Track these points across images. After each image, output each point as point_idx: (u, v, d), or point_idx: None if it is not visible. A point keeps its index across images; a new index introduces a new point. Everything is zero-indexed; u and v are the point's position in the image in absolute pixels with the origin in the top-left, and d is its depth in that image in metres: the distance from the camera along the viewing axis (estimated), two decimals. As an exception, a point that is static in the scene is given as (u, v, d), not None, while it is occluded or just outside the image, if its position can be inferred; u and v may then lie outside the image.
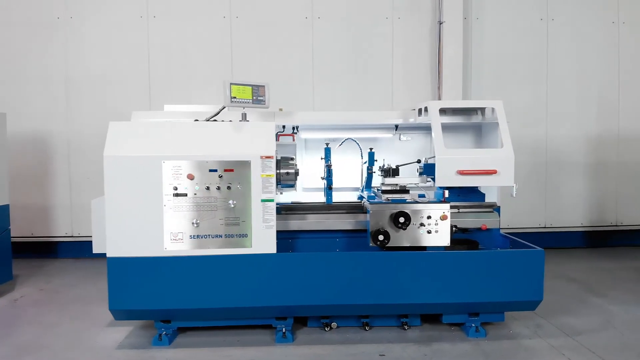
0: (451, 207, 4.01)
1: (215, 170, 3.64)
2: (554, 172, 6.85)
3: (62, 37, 6.42)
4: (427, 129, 4.78)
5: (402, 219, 3.65)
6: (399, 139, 4.86)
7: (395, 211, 3.67)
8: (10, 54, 6.42)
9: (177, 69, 6.52)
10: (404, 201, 3.79)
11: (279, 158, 4.03)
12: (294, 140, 4.24)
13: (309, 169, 4.67)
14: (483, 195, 4.14)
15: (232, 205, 3.65)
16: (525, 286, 3.75)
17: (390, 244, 3.69)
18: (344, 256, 3.73)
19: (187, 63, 6.53)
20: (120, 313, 3.75)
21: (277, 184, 4.01)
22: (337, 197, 4.49)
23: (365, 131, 4.60)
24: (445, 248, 3.79)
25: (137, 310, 3.73)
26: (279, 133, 4.33)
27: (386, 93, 6.67)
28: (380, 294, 3.72)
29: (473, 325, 3.91)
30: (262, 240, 3.67)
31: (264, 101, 3.88)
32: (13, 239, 5.22)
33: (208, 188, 3.63)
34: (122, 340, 3.85)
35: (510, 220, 6.75)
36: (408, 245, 3.73)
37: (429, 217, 3.71)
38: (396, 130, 4.62)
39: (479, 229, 4.05)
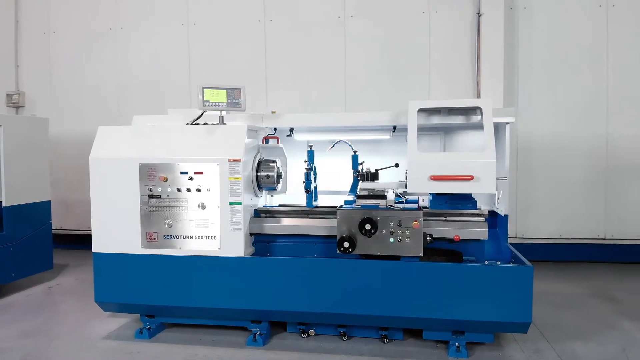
0: (437, 214, 3.75)
1: (186, 173, 3.72)
2: (615, 177, 6.05)
3: (113, 46, 6.95)
4: (437, 129, 4.50)
5: (368, 226, 3.46)
6: (406, 141, 4.62)
7: (362, 217, 3.48)
8: (67, 62, 7.09)
9: (214, 73, 6.75)
10: (375, 207, 3.58)
11: (260, 160, 4.04)
12: (278, 142, 4.19)
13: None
14: (475, 202, 3.78)
15: (202, 208, 3.71)
16: (511, 306, 3.36)
17: (358, 252, 3.52)
18: (305, 262, 3.63)
19: (223, 66, 6.74)
20: (106, 305, 3.99)
21: (258, 187, 4.03)
22: (328, 201, 4.39)
23: (362, 133, 4.40)
24: (420, 259, 3.53)
25: (119, 304, 3.95)
26: (269, 135, 4.30)
27: (422, 91, 6.34)
28: (350, 303, 3.56)
29: (456, 344, 3.59)
30: (230, 242, 3.69)
31: (240, 104, 3.89)
32: (71, 231, 5.72)
33: (179, 190, 3.73)
34: (113, 331, 4.08)
35: (561, 229, 6.13)
36: (379, 253, 3.52)
37: (399, 225, 3.47)
38: (394, 131, 4.38)
39: (463, 240, 3.69)
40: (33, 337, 3.97)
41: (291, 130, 4.59)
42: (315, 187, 4.26)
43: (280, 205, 4.28)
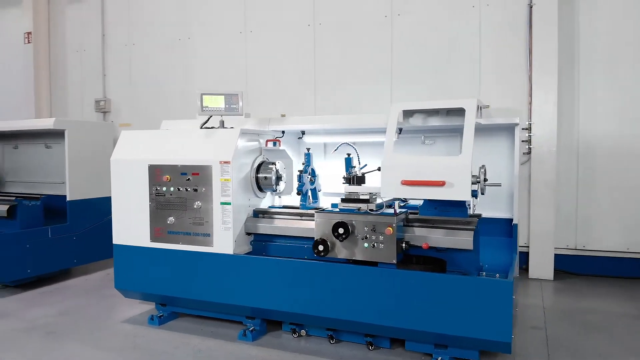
0: (424, 221, 3.60)
1: (186, 174, 3.99)
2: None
3: (182, 54, 7.54)
4: (452, 131, 4.31)
5: (340, 230, 3.43)
6: (423, 143, 4.48)
7: (336, 221, 3.47)
8: (144, 71, 7.83)
9: (268, 77, 7.02)
10: (352, 211, 3.53)
11: (260, 163, 4.18)
12: (279, 145, 4.29)
13: (330, 173, 4.64)
14: (465, 210, 3.55)
15: (197, 207, 3.95)
16: (487, 322, 3.12)
17: (331, 255, 3.51)
18: (283, 262, 3.71)
19: (276, 71, 6.98)
20: (125, 292, 4.41)
21: (259, 188, 4.18)
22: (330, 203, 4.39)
23: (368, 135, 4.35)
24: (397, 266, 3.42)
25: (134, 292, 4.34)
26: (276, 138, 4.42)
27: (472, 89, 6.00)
28: (330, 306, 3.56)
29: (440, 358, 3.42)
30: (222, 240, 3.89)
31: (238, 109, 4.07)
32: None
33: (179, 189, 4.02)
34: (133, 317, 4.50)
35: (628, 241, 5.47)
36: (352, 258, 3.48)
37: (373, 230, 3.40)
38: (400, 133, 4.25)
39: (451, 250, 3.48)
40: (66, 316, 4.52)
41: (303, 133, 4.70)
42: (314, 189, 4.29)
43: (283, 207, 4.39)
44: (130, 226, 4.22)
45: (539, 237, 5.61)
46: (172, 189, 4.04)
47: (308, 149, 4.25)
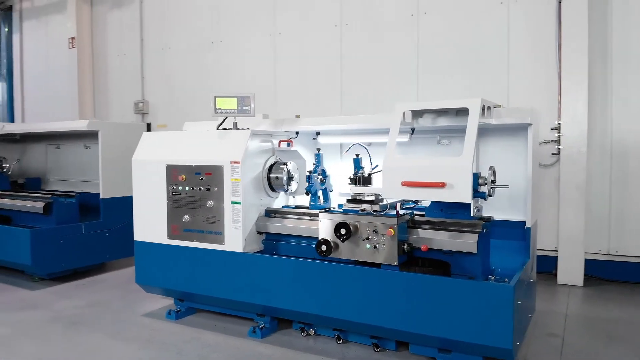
0: (430, 223, 3.56)
1: (199, 174, 4.11)
2: None
3: (214, 57, 7.74)
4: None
5: (342, 230, 3.45)
6: (439, 143, 4.41)
7: (338, 222, 3.48)
8: (178, 73, 8.09)
9: (296, 78, 7.10)
10: (355, 212, 3.53)
11: (272, 163, 4.25)
12: (292, 146, 4.33)
13: (346, 174, 4.64)
14: (469, 212, 3.47)
15: (210, 205, 4.06)
16: (488, 328, 3.05)
17: (334, 256, 3.53)
18: (287, 261, 3.76)
19: (304, 71, 7.05)
20: (145, 287, 4.58)
21: (270, 188, 4.25)
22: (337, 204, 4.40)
23: (384, 135, 4.31)
24: (399, 268, 3.40)
25: (154, 287, 4.51)
26: (289, 139, 4.47)
27: (501, 88, 5.85)
28: (334, 306, 3.58)
29: (443, 362, 3.38)
30: (232, 238, 3.98)
31: (249, 110, 4.15)
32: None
33: (194, 189, 4.14)
34: (153, 311, 4.67)
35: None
36: (354, 259, 3.49)
37: (374, 232, 3.39)
38: (412, 133, 4.22)
39: (455, 252, 3.41)
40: (92, 308, 4.75)
41: (318, 133, 4.73)
42: (325, 190, 4.31)
43: (296, 207, 4.43)
44: (150, 223, 4.39)
45: (568, 241, 5.39)
46: (187, 188, 4.17)
47: (318, 150, 4.28)
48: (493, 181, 3.59)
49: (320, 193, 4.28)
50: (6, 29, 10.14)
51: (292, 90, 7.13)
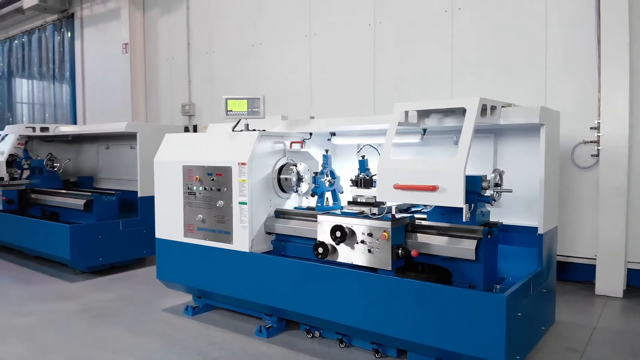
0: (427, 228, 3.45)
1: (211, 174, 4.22)
2: None
3: (254, 60, 7.90)
4: (487, 131, 4.07)
5: (338, 233, 3.42)
6: (455, 143, 4.26)
7: (333, 224, 3.45)
8: (221, 76, 8.31)
9: (329, 78, 7.10)
10: (352, 214, 3.49)
11: (283, 164, 4.29)
12: (303, 147, 4.34)
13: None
14: (475, 216, 3.32)
15: (220, 205, 4.16)
16: (480, 340, 2.92)
17: (330, 258, 3.51)
18: (290, 263, 3.77)
19: (337, 71, 7.02)
20: (166, 283, 4.77)
21: (280, 189, 4.29)
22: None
23: (396, 136, 4.22)
24: (395, 273, 3.32)
25: (173, 283, 4.68)
26: (303, 139, 4.48)
27: (538, 86, 5.53)
28: (334, 310, 3.56)
29: (441, 373, 3.27)
30: (240, 238, 4.06)
31: (259, 112, 4.20)
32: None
33: (206, 189, 4.26)
34: (173, 306, 4.84)
35: None
36: (349, 262, 3.45)
37: (369, 235, 3.33)
38: (424, 134, 4.10)
39: (455, 259, 3.28)
40: (119, 301, 5.00)
41: (333, 134, 4.70)
42: (334, 191, 4.28)
43: (307, 208, 4.43)
44: (169, 222, 4.56)
45: (607, 249, 5.02)
46: (200, 188, 4.30)
47: (326, 151, 4.26)
48: (498, 185, 3.43)
49: (329, 194, 4.26)
50: (69, 35, 10.89)
51: (326, 90, 7.14)
